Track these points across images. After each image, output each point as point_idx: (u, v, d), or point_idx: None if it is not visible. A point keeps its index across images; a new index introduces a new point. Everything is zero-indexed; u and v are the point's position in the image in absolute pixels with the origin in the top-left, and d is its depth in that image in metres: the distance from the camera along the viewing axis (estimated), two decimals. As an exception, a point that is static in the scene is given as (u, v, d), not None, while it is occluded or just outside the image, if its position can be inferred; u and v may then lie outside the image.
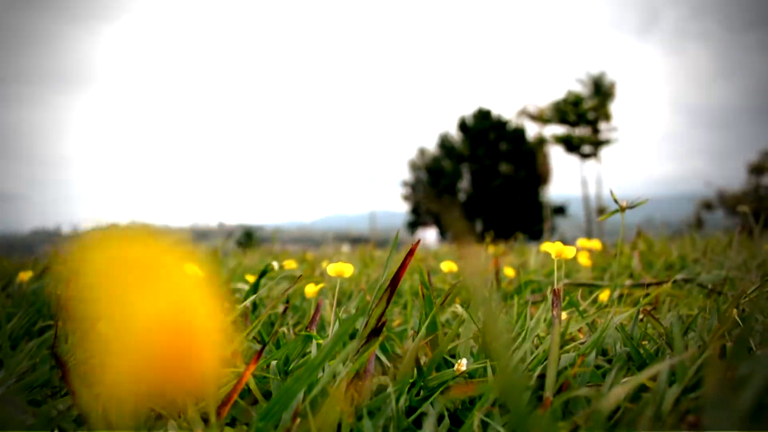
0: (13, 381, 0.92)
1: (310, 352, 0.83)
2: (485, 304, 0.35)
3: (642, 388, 0.67)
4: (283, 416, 0.63)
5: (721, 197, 30.61)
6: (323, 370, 0.67)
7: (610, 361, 0.85)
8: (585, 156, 33.60)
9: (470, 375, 0.78)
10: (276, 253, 3.72)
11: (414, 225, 34.66)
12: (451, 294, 1.11)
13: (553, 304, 0.80)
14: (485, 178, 33.61)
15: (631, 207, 1.25)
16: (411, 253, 0.73)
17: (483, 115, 34.43)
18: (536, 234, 33.95)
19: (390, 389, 0.64)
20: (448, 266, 1.56)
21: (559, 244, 1.12)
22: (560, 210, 35.36)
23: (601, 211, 33.47)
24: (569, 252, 1.11)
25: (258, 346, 0.94)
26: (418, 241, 0.76)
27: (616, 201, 1.25)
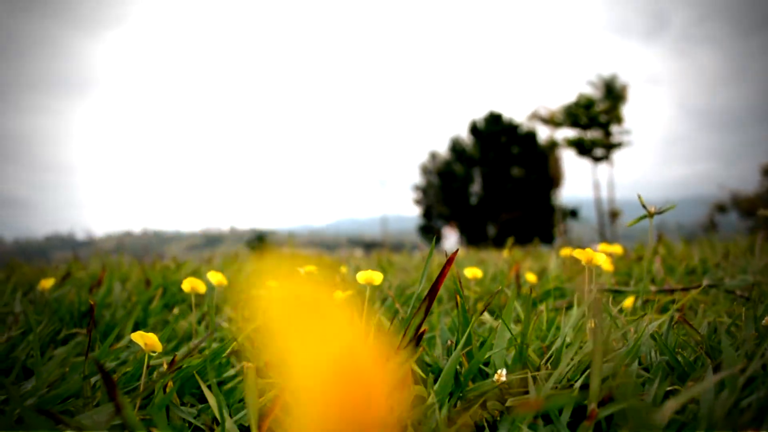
0: (44, 391, 0.92)
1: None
2: (602, 321, 0.34)
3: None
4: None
5: (735, 200, 30.34)
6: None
7: (646, 370, 0.84)
8: (597, 159, 33.42)
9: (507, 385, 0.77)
10: (291, 257, 3.72)
11: (426, 229, 34.54)
12: (479, 303, 1.10)
13: (592, 311, 0.79)
14: (497, 181, 33.47)
15: (659, 212, 1.24)
16: (450, 262, 0.72)
17: (494, 119, 34.29)
18: (548, 237, 33.77)
19: (432, 400, 0.63)
20: (471, 272, 1.54)
21: (589, 250, 1.11)
22: (573, 213, 35.10)
23: (614, 214, 33.31)
24: (599, 258, 1.10)
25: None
26: (456, 251, 0.75)
27: (644, 206, 1.23)
